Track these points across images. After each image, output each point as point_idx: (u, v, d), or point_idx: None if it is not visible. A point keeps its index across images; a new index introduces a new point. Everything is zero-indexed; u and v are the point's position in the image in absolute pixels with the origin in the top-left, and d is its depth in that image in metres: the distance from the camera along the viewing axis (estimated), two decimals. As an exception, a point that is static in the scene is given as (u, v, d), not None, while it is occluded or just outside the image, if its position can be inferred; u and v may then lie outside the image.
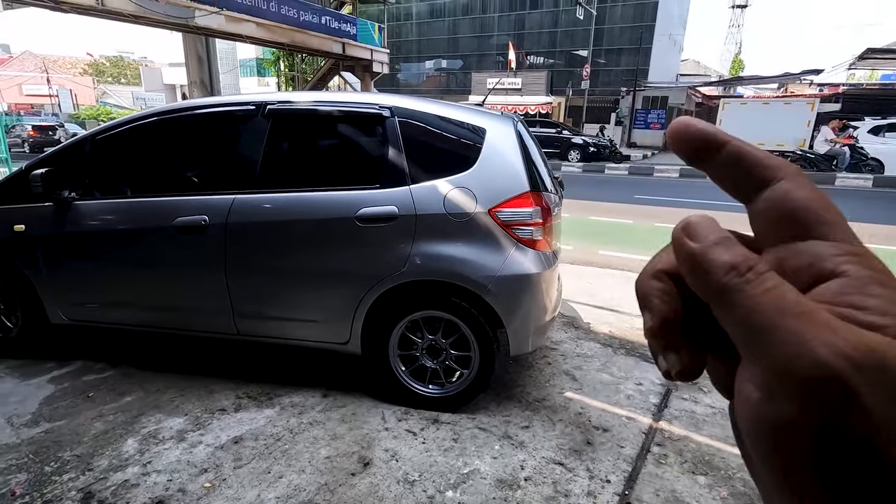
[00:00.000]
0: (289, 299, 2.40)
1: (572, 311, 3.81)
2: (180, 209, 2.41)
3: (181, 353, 2.90)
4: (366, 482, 1.90)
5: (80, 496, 1.79)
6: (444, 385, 2.39)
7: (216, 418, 2.29)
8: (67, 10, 13.36)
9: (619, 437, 2.23)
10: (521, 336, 2.30)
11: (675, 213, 8.65)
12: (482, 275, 2.19)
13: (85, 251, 2.57)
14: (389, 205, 2.23)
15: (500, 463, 2.03)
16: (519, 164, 2.27)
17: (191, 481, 1.88)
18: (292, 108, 2.44)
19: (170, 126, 2.64)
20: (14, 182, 2.62)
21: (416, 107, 2.36)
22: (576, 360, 2.99)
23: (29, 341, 2.77)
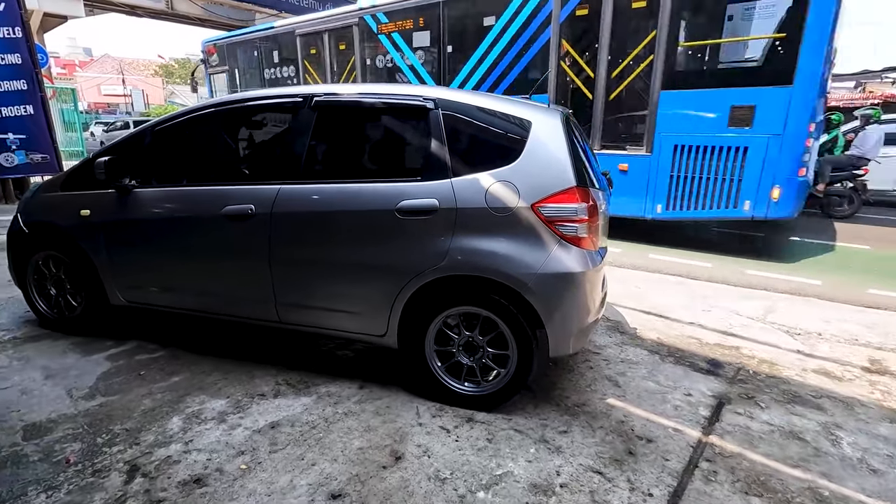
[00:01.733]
0: (328, 289, 2.42)
1: (618, 315, 3.66)
2: (229, 198, 2.48)
3: (226, 338, 3.00)
4: (397, 476, 1.88)
5: (126, 468, 1.87)
6: (480, 383, 2.34)
7: (255, 403, 2.34)
8: (141, 14, 14.25)
9: (664, 449, 2.10)
10: (561, 337, 2.21)
11: (733, 218, 8.15)
12: (523, 272, 2.12)
13: (141, 236, 2.70)
14: (430, 198, 2.20)
15: (535, 467, 1.95)
16: (565, 158, 2.19)
17: (228, 462, 1.92)
18: (338, 100, 2.46)
19: (222, 118, 2.74)
20: (82, 170, 2.79)
21: (461, 99, 2.32)
22: (619, 366, 2.85)
23: (91, 320, 2.94)
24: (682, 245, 6.20)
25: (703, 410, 2.42)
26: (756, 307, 3.93)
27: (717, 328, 3.48)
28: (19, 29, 6.43)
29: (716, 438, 2.19)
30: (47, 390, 2.37)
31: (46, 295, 3.02)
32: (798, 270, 5.09)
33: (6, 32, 6.33)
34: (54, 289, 2.98)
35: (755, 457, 2.07)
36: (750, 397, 2.56)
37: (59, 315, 3.00)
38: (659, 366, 2.88)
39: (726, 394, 2.59)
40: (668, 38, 5.31)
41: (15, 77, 6.47)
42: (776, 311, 3.86)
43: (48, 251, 2.91)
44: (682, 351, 3.10)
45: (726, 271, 5.04)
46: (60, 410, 2.22)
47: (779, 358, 3.04)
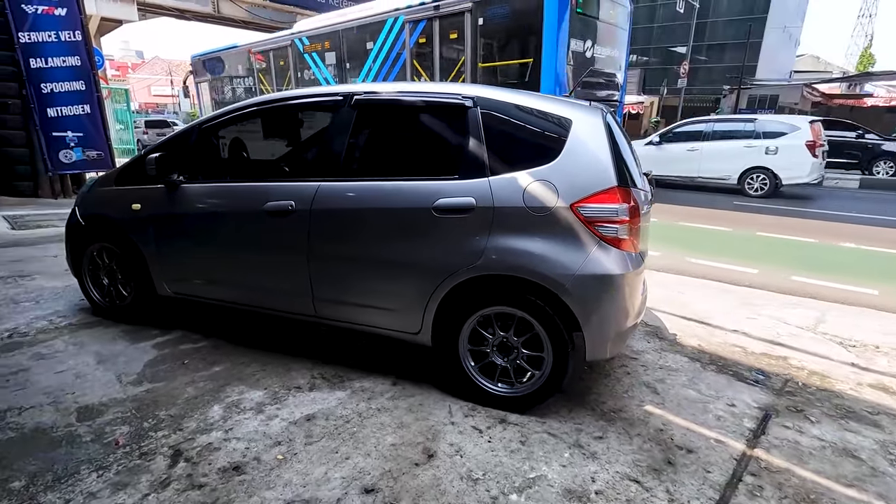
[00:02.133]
0: (364, 285, 2.44)
1: (657, 320, 3.55)
2: (271, 194, 2.54)
3: (264, 330, 3.07)
4: (429, 474, 1.88)
5: (170, 452, 1.94)
6: (514, 384, 2.31)
7: (292, 395, 2.39)
8: (190, 18, 14.82)
9: (705, 461, 2.02)
10: (598, 340, 2.16)
11: (779, 221, 7.82)
12: (560, 272, 2.09)
13: (186, 230, 2.80)
14: (467, 196, 2.19)
15: (570, 472, 1.91)
16: (606, 157, 2.13)
17: (265, 451, 1.97)
18: (377, 97, 2.48)
19: (265, 116, 2.81)
20: (134, 165, 2.92)
21: (500, 97, 2.30)
22: (658, 373, 2.76)
23: (139, 309, 3.08)
24: (723, 250, 5.98)
25: (748, 422, 2.31)
26: (805, 316, 3.74)
27: (763, 337, 3.32)
28: (79, 33, 6.80)
29: (762, 452, 2.09)
30: (99, 375, 2.49)
31: (99, 284, 3.17)
32: (850, 278, 4.81)
33: (67, 36, 6.70)
34: (107, 279, 3.13)
35: (805, 473, 1.97)
36: (799, 410, 2.43)
37: (110, 304, 3.15)
38: (700, 374, 2.77)
39: (773, 406, 2.47)
40: (472, 60, 7.60)
41: (74, 78, 6.85)
42: (827, 321, 3.66)
43: (102, 243, 3.06)
44: (725, 359, 2.98)
45: (771, 277, 4.82)
46: (111, 395, 2.32)
47: (831, 370, 2.88)
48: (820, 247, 6.27)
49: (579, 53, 7.04)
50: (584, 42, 7.13)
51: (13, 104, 6.67)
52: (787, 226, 7.41)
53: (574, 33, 6.88)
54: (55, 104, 6.80)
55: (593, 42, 7.29)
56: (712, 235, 6.84)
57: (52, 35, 6.62)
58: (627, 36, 8.22)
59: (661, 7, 31.34)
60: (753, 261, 5.42)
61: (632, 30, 8.46)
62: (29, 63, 6.55)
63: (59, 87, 6.77)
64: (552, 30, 6.52)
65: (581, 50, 7.09)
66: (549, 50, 6.60)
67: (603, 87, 7.79)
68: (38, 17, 6.50)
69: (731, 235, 6.85)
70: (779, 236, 6.72)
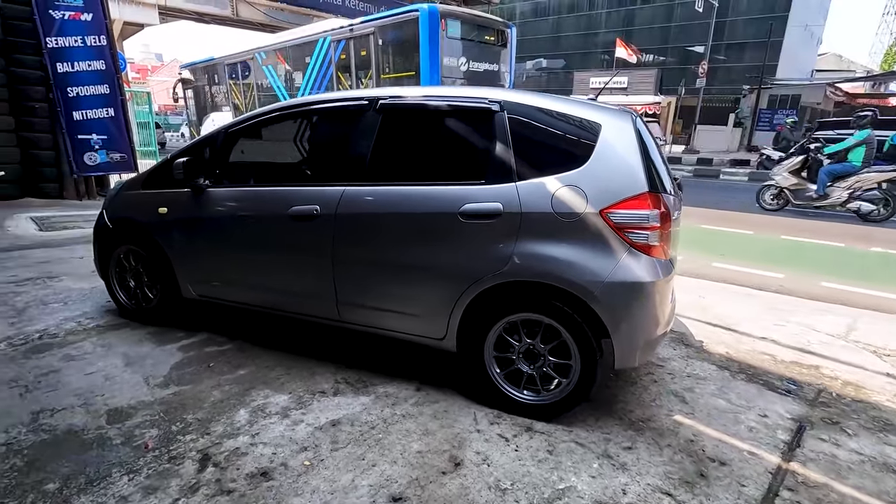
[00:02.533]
0: (389, 290, 2.44)
1: (682, 326, 3.49)
2: (295, 199, 2.55)
3: (288, 333, 3.08)
4: (456, 483, 1.86)
5: (198, 457, 1.95)
6: (540, 392, 2.28)
7: (316, 400, 2.39)
8: (209, 21, 15.03)
9: (739, 474, 1.96)
10: (627, 349, 2.12)
11: (803, 224, 7.65)
12: (589, 279, 2.05)
13: (212, 233, 2.82)
14: (494, 201, 2.17)
15: (600, 483, 1.88)
16: (637, 162, 2.09)
17: (292, 457, 1.97)
18: (403, 102, 2.47)
19: (290, 120, 2.82)
20: (161, 169, 2.95)
21: (527, 101, 2.27)
22: (686, 381, 2.71)
23: (165, 312, 3.11)
24: (747, 254, 5.86)
25: (782, 434, 2.25)
26: (836, 323, 3.64)
27: (793, 345, 3.24)
28: (104, 37, 6.93)
29: (797, 466, 2.03)
30: (127, 377, 2.52)
31: (126, 287, 3.22)
32: (881, 284, 4.68)
33: (93, 41, 6.84)
34: (133, 281, 3.17)
35: (844, 489, 1.90)
36: (834, 422, 2.36)
37: (136, 306, 3.19)
38: (729, 383, 2.71)
39: (807, 417, 2.40)
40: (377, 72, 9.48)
41: (99, 82, 6.98)
42: (859, 329, 3.56)
43: (129, 246, 3.10)
44: (755, 368, 2.91)
45: (799, 283, 4.71)
46: (139, 397, 2.35)
47: (866, 381, 2.79)
48: (848, 251, 6.12)
49: (454, 68, 8.73)
50: (457, 59, 8.78)
51: (40, 108, 6.83)
52: (810, 229, 7.25)
53: (446, 52, 8.50)
54: (80, 107, 6.93)
55: (468, 58, 9.01)
56: (735, 239, 6.72)
57: (78, 40, 6.75)
58: (510, 53, 9.88)
59: (679, 6, 30.94)
60: (779, 265, 5.30)
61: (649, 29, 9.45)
62: (56, 67, 6.69)
63: (84, 91, 6.91)
64: (426, 49, 8.24)
65: (455, 65, 8.79)
66: (424, 65, 8.34)
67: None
68: (64, 22, 6.64)
69: (754, 239, 6.72)
70: (804, 240, 6.57)
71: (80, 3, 6.70)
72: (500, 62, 9.65)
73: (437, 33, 8.13)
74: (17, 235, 5.18)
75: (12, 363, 2.60)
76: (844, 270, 5.20)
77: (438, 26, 8.11)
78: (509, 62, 9.84)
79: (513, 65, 10.01)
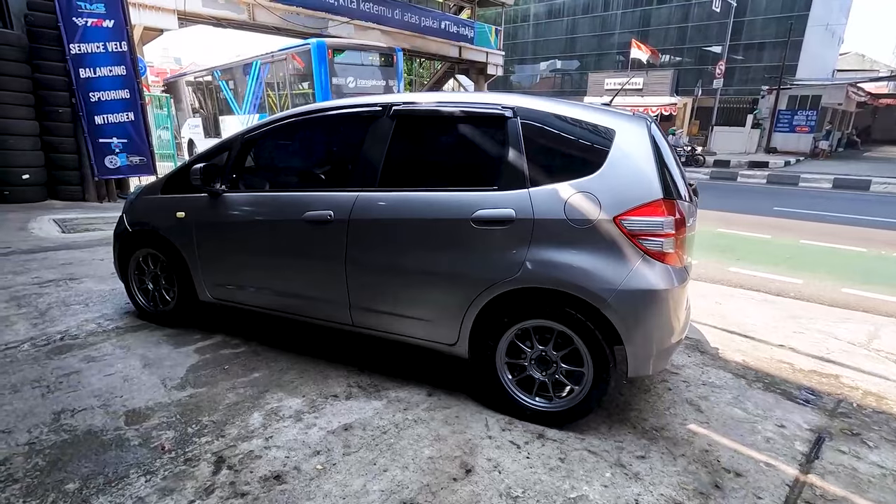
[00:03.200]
0: (401, 295, 2.45)
1: (697, 332, 3.44)
2: (310, 204, 2.57)
3: (302, 337, 3.11)
4: (467, 490, 1.86)
5: (213, 459, 1.98)
6: (552, 399, 2.27)
7: (329, 403, 2.41)
8: (226, 26, 15.24)
9: (755, 486, 1.93)
10: (641, 357, 2.10)
11: (823, 228, 7.49)
12: (602, 286, 2.04)
13: (227, 237, 2.86)
14: (506, 208, 2.17)
15: (612, 493, 1.86)
16: (651, 168, 2.08)
17: (305, 461, 1.99)
18: (416, 108, 2.48)
19: (305, 126, 2.85)
20: (179, 175, 3.01)
21: (540, 107, 2.26)
22: (701, 389, 2.67)
23: (182, 314, 3.17)
24: (765, 258, 5.76)
25: (800, 445, 2.21)
26: (857, 331, 3.56)
27: (813, 353, 3.18)
28: (125, 43, 7.08)
29: (816, 478, 1.99)
30: (145, 379, 2.57)
31: (145, 290, 3.28)
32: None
33: (114, 47, 6.99)
34: (151, 284, 3.23)
35: (865, 503, 1.86)
36: (855, 434, 2.31)
37: (154, 308, 3.26)
38: (746, 391, 2.67)
39: (826, 428, 2.35)
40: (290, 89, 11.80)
41: (120, 87, 7.14)
42: (881, 337, 3.47)
43: (148, 249, 3.16)
44: (772, 376, 2.86)
45: (819, 289, 4.62)
46: (156, 399, 2.39)
47: (888, 391, 2.73)
48: (870, 256, 5.97)
49: (342, 85, 11.22)
50: (345, 78, 11.32)
51: (63, 112, 7.00)
52: (831, 233, 7.10)
53: (335, 74, 11.05)
54: (102, 112, 7.09)
55: (356, 77, 11.58)
56: (752, 243, 6.61)
57: (100, 46, 6.91)
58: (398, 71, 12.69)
59: (696, 6, 30.55)
60: (798, 271, 5.21)
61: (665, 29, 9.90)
62: (78, 73, 6.86)
63: (105, 96, 7.06)
64: (317, 73, 10.82)
65: (344, 83, 11.27)
66: (317, 84, 10.90)
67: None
68: (87, 28, 6.80)
69: (772, 243, 6.60)
70: (824, 244, 6.44)
71: (103, 10, 6.86)
72: (387, 78, 12.29)
73: (324, 60, 10.76)
74: (40, 237, 5.31)
75: (35, 364, 2.66)
76: (866, 276, 5.09)
77: (325, 55, 10.74)
78: (397, 78, 12.74)
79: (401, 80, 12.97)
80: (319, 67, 10.66)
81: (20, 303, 3.47)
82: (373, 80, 11.86)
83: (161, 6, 13.12)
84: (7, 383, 2.46)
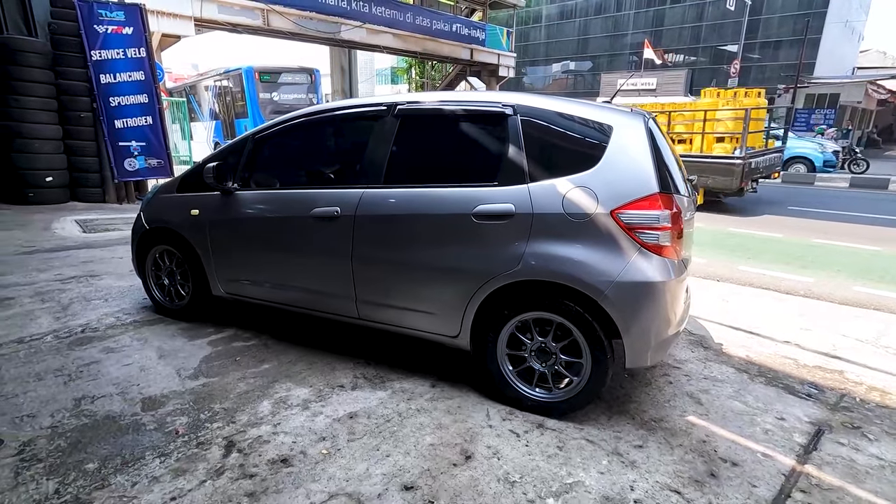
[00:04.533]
0: (405, 289, 2.52)
1: (702, 329, 3.45)
2: (318, 201, 2.66)
3: (310, 331, 3.21)
4: (466, 475, 1.92)
5: (224, 443, 2.07)
6: (552, 390, 2.32)
7: (335, 393, 2.49)
8: (242, 31, 15.51)
9: (751, 475, 1.96)
10: (639, 348, 2.14)
11: (838, 227, 7.39)
12: (599, 279, 2.09)
13: (239, 234, 2.97)
14: (506, 202, 2.23)
15: (608, 479, 1.91)
16: (647, 163, 2.12)
17: (311, 446, 2.07)
18: (419, 107, 2.56)
19: (313, 126, 2.94)
20: (194, 174, 3.13)
21: (540, 104, 2.32)
22: (702, 383, 2.69)
23: (196, 308, 3.28)
24: (776, 257, 5.72)
25: (799, 437, 2.23)
26: (867, 328, 3.54)
27: (818, 349, 3.17)
28: (143, 49, 7.30)
29: (812, 468, 2.01)
30: (160, 368, 2.68)
31: (161, 285, 3.40)
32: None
33: (133, 53, 7.21)
34: (167, 279, 3.36)
35: (861, 493, 1.88)
36: (856, 427, 2.32)
37: (170, 303, 3.38)
38: (747, 385, 2.68)
39: (827, 421, 2.36)
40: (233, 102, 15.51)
41: (139, 92, 7.35)
42: (890, 334, 3.45)
43: (164, 246, 3.29)
44: (775, 371, 2.86)
45: (830, 287, 4.58)
46: (171, 387, 2.50)
47: (893, 386, 2.72)
48: (886, 255, 5.89)
49: (268, 100, 14.31)
50: (270, 94, 14.42)
51: (85, 117, 7.23)
52: (846, 233, 7.00)
53: (262, 91, 14.27)
54: (121, 116, 7.32)
55: (281, 93, 14.65)
56: (763, 242, 6.55)
57: (119, 52, 7.14)
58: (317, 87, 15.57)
59: (710, 5, 30.23)
60: (809, 269, 5.16)
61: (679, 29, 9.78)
62: (99, 78, 7.08)
63: (125, 101, 7.29)
64: (248, 90, 14.20)
65: (269, 98, 14.38)
66: (248, 99, 14.22)
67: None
68: (108, 35, 7.03)
69: (783, 242, 6.54)
70: (838, 244, 6.36)
71: (122, 18, 7.08)
72: (308, 93, 15.21)
73: (252, 81, 14.05)
74: (62, 237, 5.51)
75: (58, 354, 2.79)
76: (880, 275, 5.02)
77: (253, 77, 14.06)
78: (317, 93, 15.63)
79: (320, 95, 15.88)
80: (249, 86, 14.10)
81: (44, 298, 3.63)
82: (294, 94, 14.87)
83: (178, 13, 13.42)
84: (32, 372, 2.59)
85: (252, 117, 13.96)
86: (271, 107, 14.30)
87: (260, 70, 14.29)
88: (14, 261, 4.46)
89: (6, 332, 3.04)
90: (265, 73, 14.37)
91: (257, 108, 14.06)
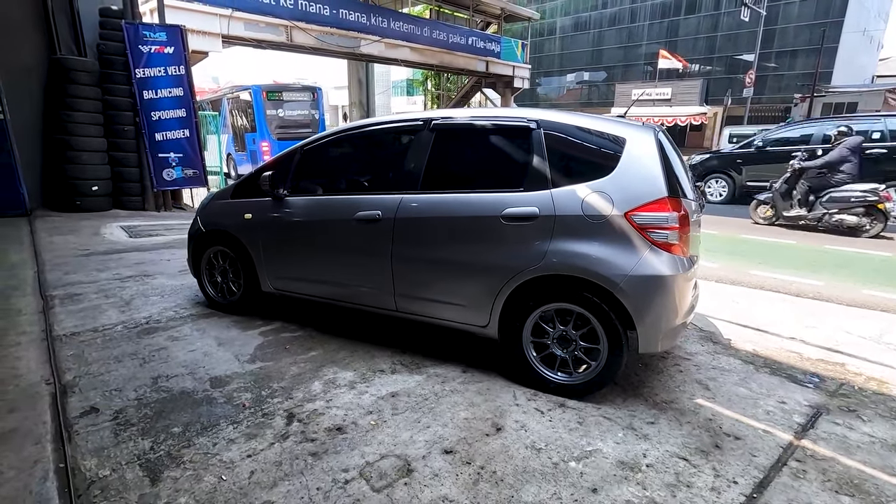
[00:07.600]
0: (440, 284, 2.82)
1: (711, 326, 3.68)
2: (360, 205, 2.99)
3: (350, 322, 3.52)
4: (498, 442, 2.20)
5: (285, 414, 2.38)
6: (572, 374, 2.59)
7: (377, 377, 2.79)
8: (266, 47, 16.14)
9: (752, 447, 2.20)
10: (650, 335, 2.40)
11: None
12: (615, 273, 2.36)
13: (288, 236, 3.30)
14: (531, 206, 2.52)
15: (623, 448, 2.17)
16: (657, 171, 2.40)
17: (361, 418, 2.36)
18: (453, 122, 2.88)
19: (356, 139, 3.29)
20: (247, 181, 3.49)
21: (561, 119, 2.63)
22: (711, 372, 2.94)
23: (246, 304, 3.62)
24: (787, 262, 5.89)
25: (798, 418, 2.46)
26: (870, 326, 3.73)
27: (822, 344, 3.39)
28: (183, 67, 7.79)
29: (808, 443, 2.25)
30: (221, 354, 3.01)
31: (214, 282, 3.76)
32: (928, 292, 4.65)
33: (174, 70, 7.71)
34: (220, 277, 3.71)
35: (850, 462, 2.11)
36: (851, 410, 2.54)
37: (222, 298, 3.73)
38: (752, 374, 2.92)
39: (825, 405, 2.59)
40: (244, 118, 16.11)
41: (178, 106, 7.84)
42: (893, 331, 3.64)
43: (218, 247, 3.64)
44: (780, 363, 3.09)
45: (839, 290, 4.76)
46: (232, 369, 2.82)
47: (891, 377, 2.92)
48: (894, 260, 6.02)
49: (274, 116, 15.18)
50: (276, 111, 15.24)
51: (128, 130, 7.73)
52: (857, 239, 7.12)
53: (269, 108, 15.08)
54: (161, 129, 7.80)
55: (286, 109, 15.46)
56: (775, 248, 6.72)
57: (161, 70, 7.64)
58: (319, 103, 16.29)
59: (725, 16, 30.35)
60: (819, 274, 5.33)
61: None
62: (142, 94, 7.58)
63: (165, 115, 7.77)
64: (256, 108, 14.99)
65: (275, 114, 15.20)
66: (256, 116, 15.03)
67: (296, 127, 15.19)
68: (151, 55, 7.54)
69: (796, 248, 6.70)
70: (849, 249, 6.50)
71: (164, 38, 7.59)
72: (311, 109, 16.07)
73: (260, 99, 14.99)
74: (112, 241, 5.94)
75: (130, 341, 3.15)
76: (889, 279, 5.17)
77: (261, 96, 15.00)
78: (319, 110, 16.36)
79: (323, 111, 16.63)
80: (257, 104, 15.16)
81: (107, 294, 4.01)
82: (298, 111, 15.87)
83: (208, 31, 14.07)
84: (111, 355, 2.94)
85: (260, 131, 15.01)
86: (277, 122, 15.28)
87: (267, 89, 15.54)
88: (75, 262, 4.88)
89: (82, 322, 3.42)
90: (272, 92, 15.51)
91: (265, 123, 15.04)
